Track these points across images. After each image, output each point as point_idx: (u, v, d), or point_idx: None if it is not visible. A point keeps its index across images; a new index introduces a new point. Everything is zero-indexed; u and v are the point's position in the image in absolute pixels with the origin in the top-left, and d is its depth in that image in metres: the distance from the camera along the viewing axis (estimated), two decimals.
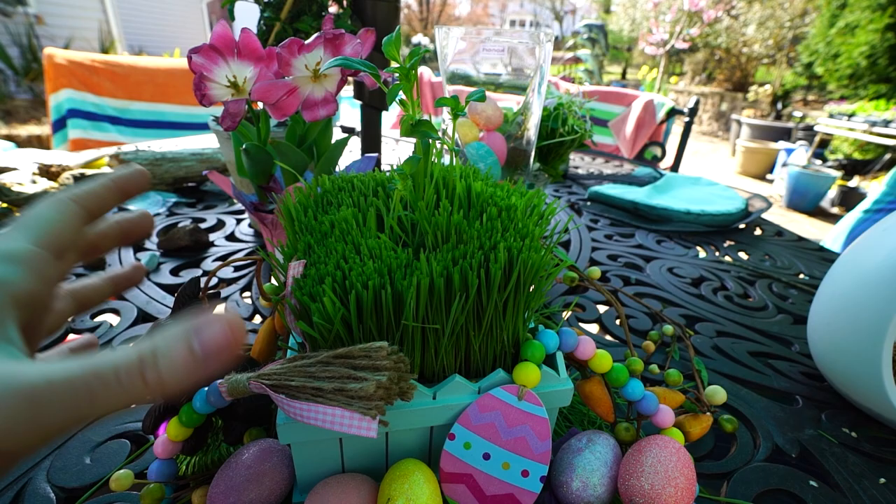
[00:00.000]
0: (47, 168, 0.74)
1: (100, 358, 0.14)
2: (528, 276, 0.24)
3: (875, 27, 4.19)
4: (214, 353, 0.14)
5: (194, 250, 0.59)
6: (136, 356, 0.14)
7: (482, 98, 0.23)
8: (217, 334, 0.14)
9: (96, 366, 0.13)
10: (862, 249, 0.39)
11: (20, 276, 0.16)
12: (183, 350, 0.14)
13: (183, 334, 0.14)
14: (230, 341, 0.15)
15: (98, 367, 0.13)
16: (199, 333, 0.14)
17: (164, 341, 0.14)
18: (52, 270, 0.18)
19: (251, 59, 0.35)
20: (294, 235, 0.26)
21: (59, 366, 0.13)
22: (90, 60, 1.52)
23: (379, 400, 0.19)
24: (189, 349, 0.14)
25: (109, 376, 0.13)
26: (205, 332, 0.14)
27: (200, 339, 0.14)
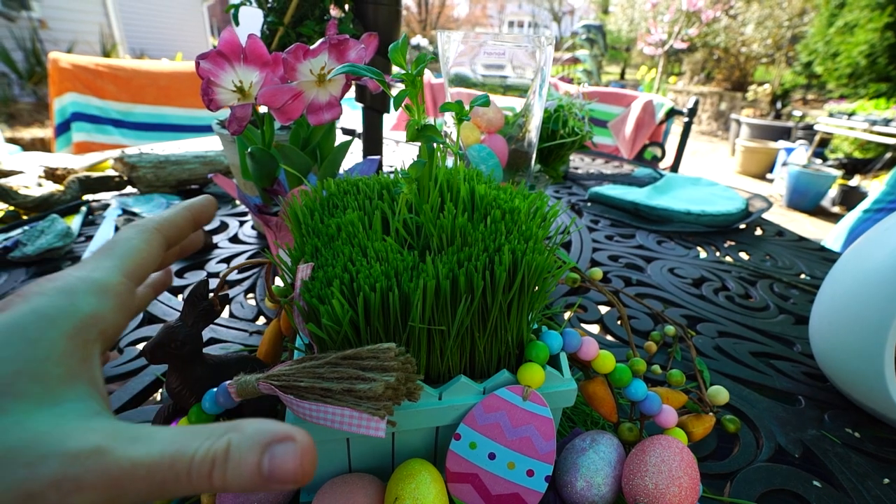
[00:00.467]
0: (53, 171, 0.74)
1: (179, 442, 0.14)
2: (532, 278, 0.24)
3: (874, 26, 4.20)
4: (280, 480, 0.14)
5: (198, 252, 0.59)
6: (212, 455, 0.14)
7: (486, 103, 0.24)
8: (289, 463, 0.14)
9: (175, 456, 0.13)
10: (863, 249, 0.39)
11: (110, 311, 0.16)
12: (253, 465, 0.14)
13: (258, 446, 0.14)
14: (298, 474, 0.14)
15: (176, 459, 0.13)
16: (272, 454, 0.14)
17: (240, 446, 0.14)
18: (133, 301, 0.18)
19: (257, 64, 0.36)
20: (301, 238, 0.26)
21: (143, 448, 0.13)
22: (94, 64, 1.53)
23: (387, 400, 0.19)
24: (259, 466, 0.14)
25: (183, 471, 0.13)
26: (278, 456, 0.14)
27: (272, 461, 0.14)
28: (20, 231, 0.57)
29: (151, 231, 0.20)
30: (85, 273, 0.17)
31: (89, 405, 0.15)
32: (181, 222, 0.21)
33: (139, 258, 0.18)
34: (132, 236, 0.19)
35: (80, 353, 0.15)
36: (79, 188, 0.72)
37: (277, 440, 0.14)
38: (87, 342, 0.16)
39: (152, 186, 0.76)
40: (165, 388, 0.28)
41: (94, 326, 0.16)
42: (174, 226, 0.21)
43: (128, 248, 0.18)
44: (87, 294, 0.16)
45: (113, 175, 0.77)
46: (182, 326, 0.26)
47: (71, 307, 0.16)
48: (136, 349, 0.41)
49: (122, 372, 0.38)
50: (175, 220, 0.21)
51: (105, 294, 0.17)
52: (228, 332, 0.44)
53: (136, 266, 0.18)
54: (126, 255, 0.18)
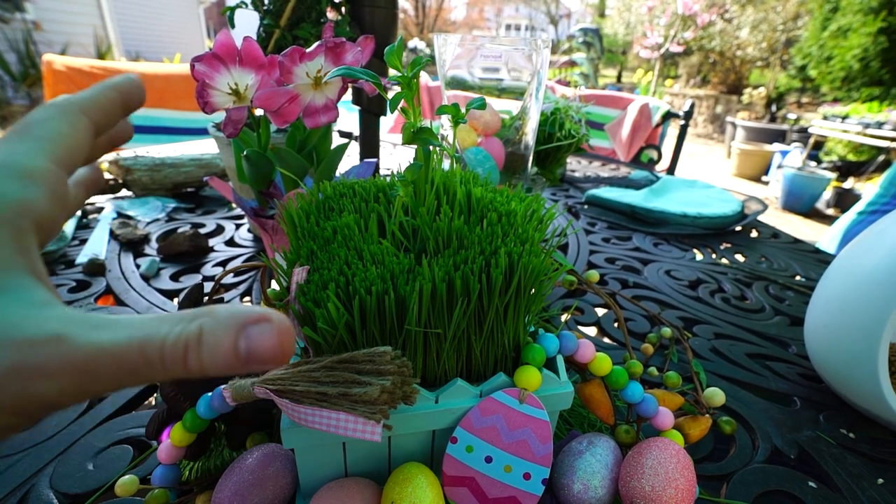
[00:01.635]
0: None
1: (147, 328, 0.13)
2: (528, 281, 0.24)
3: (867, 31, 4.23)
4: (259, 359, 0.14)
5: (194, 255, 0.59)
6: (184, 339, 0.13)
7: (482, 106, 0.24)
8: (266, 341, 0.13)
9: (143, 341, 0.13)
10: (857, 251, 0.39)
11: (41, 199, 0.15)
12: (229, 346, 0.13)
13: (233, 328, 0.13)
14: (277, 352, 0.14)
15: (145, 343, 0.13)
16: (249, 334, 0.13)
17: (213, 329, 0.13)
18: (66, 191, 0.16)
19: (253, 66, 0.36)
20: (297, 241, 0.26)
21: (107, 334, 0.13)
22: (89, 66, 1.52)
23: (383, 404, 0.19)
24: (235, 347, 0.13)
25: (154, 353, 0.13)
26: (254, 336, 0.13)
27: (249, 341, 0.13)
28: None
29: (75, 112, 0.17)
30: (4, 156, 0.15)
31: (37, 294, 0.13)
32: (107, 104, 0.18)
33: (65, 142, 0.16)
34: (53, 116, 0.16)
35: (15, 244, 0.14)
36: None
37: (252, 321, 0.14)
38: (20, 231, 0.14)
39: (147, 189, 0.75)
40: (160, 392, 0.28)
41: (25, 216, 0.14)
42: (100, 107, 0.18)
43: (49, 130, 0.16)
44: (10, 179, 0.14)
45: (107, 178, 0.77)
46: None
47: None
48: None
49: None
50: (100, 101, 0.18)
51: (30, 179, 0.14)
52: None
53: (62, 150, 0.16)
54: (49, 137, 0.16)
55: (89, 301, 0.48)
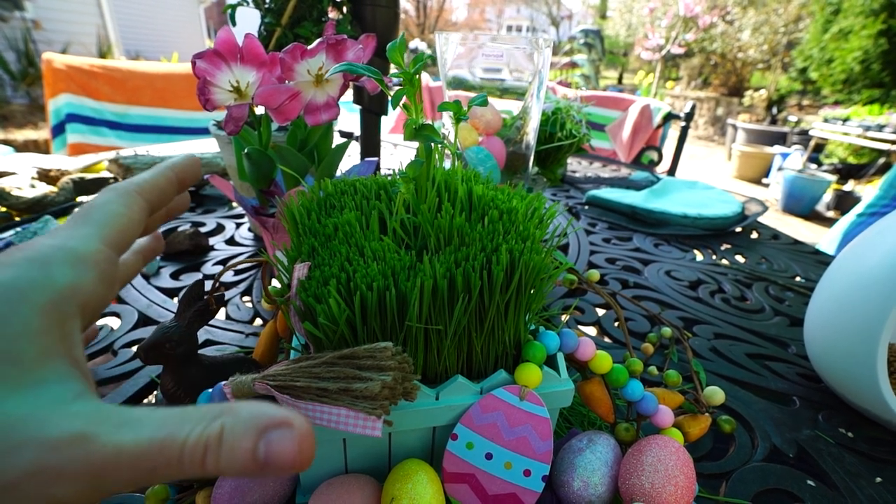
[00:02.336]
0: (46, 172, 0.74)
1: (169, 426, 0.13)
2: (529, 278, 0.24)
3: (868, 33, 4.24)
4: (276, 467, 0.13)
5: (194, 254, 0.59)
6: (205, 440, 0.13)
7: (484, 102, 0.24)
8: (286, 448, 0.13)
9: (164, 441, 0.13)
10: (857, 252, 0.39)
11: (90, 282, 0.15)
12: (248, 451, 0.13)
13: (254, 430, 0.13)
14: (296, 460, 0.13)
15: (166, 444, 0.13)
16: (270, 439, 0.13)
17: (234, 431, 0.13)
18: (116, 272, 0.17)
19: (254, 64, 0.36)
20: (298, 238, 0.26)
21: (130, 434, 0.13)
22: (88, 65, 1.53)
23: (384, 400, 0.19)
24: (254, 453, 0.13)
25: (174, 456, 0.13)
26: (275, 441, 0.13)
27: (268, 447, 0.13)
28: (12, 233, 0.57)
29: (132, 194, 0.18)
30: (59, 241, 0.15)
31: (70, 386, 0.13)
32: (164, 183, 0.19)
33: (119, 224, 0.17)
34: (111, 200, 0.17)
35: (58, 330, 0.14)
36: (73, 190, 0.71)
37: (273, 425, 0.13)
38: (64, 317, 0.14)
39: None
40: (160, 389, 0.28)
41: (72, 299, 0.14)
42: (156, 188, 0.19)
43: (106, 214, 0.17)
44: (63, 264, 0.15)
45: (107, 177, 0.77)
46: (177, 327, 0.26)
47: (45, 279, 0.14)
48: (131, 351, 0.41)
49: (115, 374, 0.38)
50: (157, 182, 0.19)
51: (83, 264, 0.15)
52: (224, 334, 0.44)
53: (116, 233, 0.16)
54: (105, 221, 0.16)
55: None
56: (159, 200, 0.19)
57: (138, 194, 0.18)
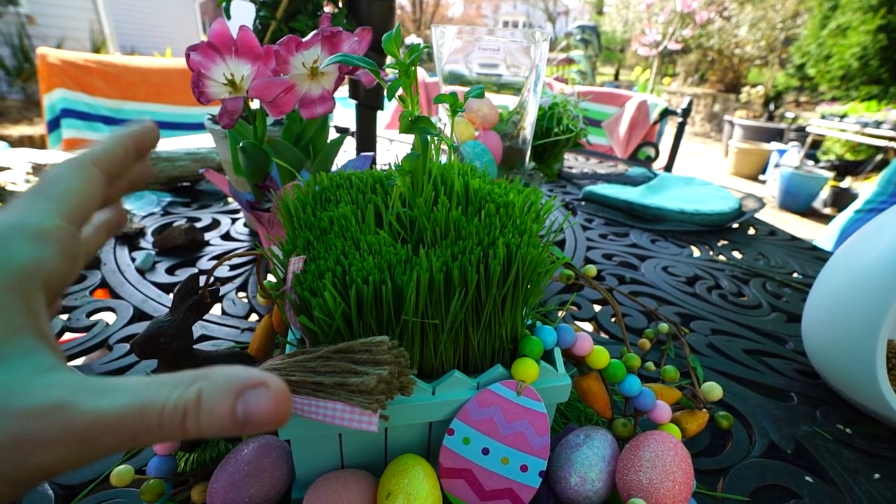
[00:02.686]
0: (41, 168, 0.73)
1: (147, 393, 0.13)
2: (526, 272, 0.24)
3: (866, 28, 4.24)
4: (256, 423, 0.14)
5: (190, 249, 0.59)
6: (182, 404, 0.13)
7: (481, 94, 0.24)
8: (263, 405, 0.14)
9: (143, 405, 0.13)
10: (855, 247, 0.39)
11: (51, 258, 0.15)
12: (227, 410, 0.14)
13: (231, 392, 0.14)
14: (273, 416, 0.14)
15: (145, 407, 0.13)
16: (246, 398, 0.14)
17: (211, 394, 0.14)
18: (78, 247, 0.16)
19: (249, 56, 0.35)
20: (293, 232, 0.26)
21: (108, 399, 0.13)
22: (83, 60, 1.51)
23: (380, 394, 0.19)
24: (232, 411, 0.14)
25: (154, 419, 0.13)
26: (252, 400, 0.14)
27: (246, 405, 0.14)
28: None
29: (87, 166, 0.17)
30: (16, 218, 0.15)
31: (42, 359, 0.14)
32: (120, 152, 0.19)
33: (76, 197, 0.16)
34: (66, 173, 0.17)
35: (23, 306, 0.14)
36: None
37: (250, 386, 0.14)
38: (28, 293, 0.14)
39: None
40: None
41: (35, 276, 0.14)
42: (113, 157, 0.18)
43: (62, 187, 0.16)
44: (22, 241, 0.15)
45: None
46: (171, 321, 0.26)
47: (4, 257, 0.14)
48: (126, 346, 0.41)
49: (111, 369, 0.38)
50: (114, 151, 0.19)
51: (42, 239, 0.15)
52: (220, 329, 0.43)
53: (74, 206, 0.16)
54: (61, 195, 0.16)
55: (85, 294, 0.48)
56: (117, 170, 0.19)
57: (94, 165, 0.18)
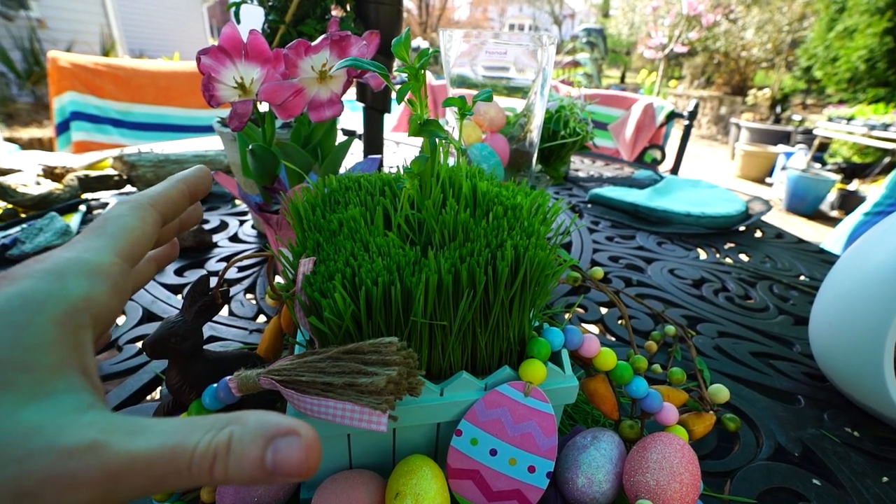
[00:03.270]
0: (51, 170, 0.74)
1: (179, 434, 0.13)
2: (534, 274, 0.24)
3: (874, 31, 4.21)
4: (284, 474, 0.14)
5: (198, 251, 0.59)
6: (213, 448, 0.13)
7: (489, 98, 0.24)
8: (293, 455, 0.14)
9: (175, 447, 0.13)
10: (863, 250, 0.39)
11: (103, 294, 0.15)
12: (256, 459, 0.13)
13: (262, 439, 0.14)
14: (303, 467, 0.14)
15: (176, 450, 0.13)
16: (276, 446, 0.14)
17: (242, 440, 0.13)
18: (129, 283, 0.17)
19: (258, 60, 0.36)
20: (303, 233, 0.26)
21: (141, 440, 0.13)
22: (93, 63, 1.53)
23: (389, 395, 0.19)
24: (261, 459, 0.13)
25: (183, 464, 0.13)
26: (282, 448, 0.14)
27: (276, 455, 0.13)
28: (18, 229, 0.57)
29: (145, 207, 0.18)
30: (75, 254, 0.16)
31: (82, 397, 0.14)
32: (176, 196, 0.20)
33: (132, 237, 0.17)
34: (124, 213, 0.18)
35: (72, 340, 0.14)
36: (78, 187, 0.71)
37: (281, 434, 0.14)
38: (78, 328, 0.15)
39: (151, 185, 0.75)
40: (165, 384, 0.28)
41: (86, 311, 0.15)
42: (169, 200, 0.20)
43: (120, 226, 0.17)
44: (78, 276, 0.15)
45: (112, 174, 0.77)
46: (183, 321, 0.26)
47: (60, 290, 0.15)
48: (136, 347, 0.41)
49: (121, 369, 0.38)
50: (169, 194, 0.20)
51: (97, 276, 0.15)
52: (228, 331, 0.44)
53: (129, 245, 0.17)
54: (118, 233, 0.17)
55: None
56: (172, 212, 0.20)
57: (151, 206, 0.19)
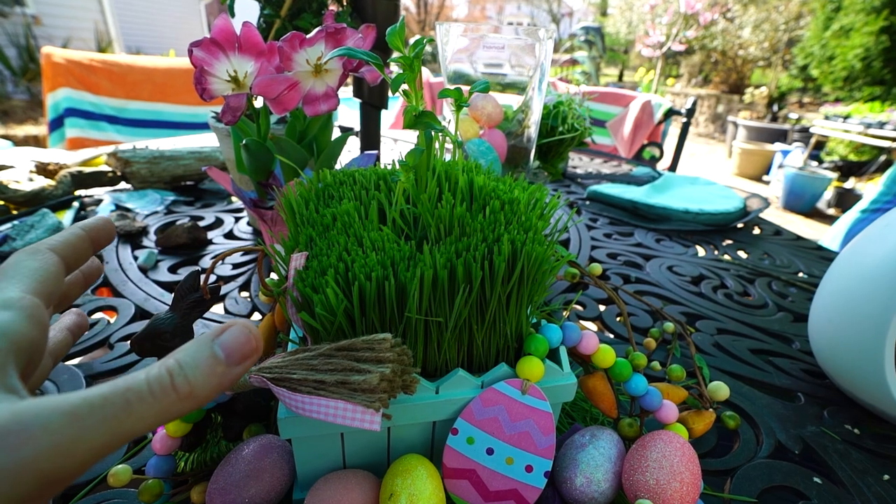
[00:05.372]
0: (44, 166, 0.74)
1: (130, 376, 0.14)
2: (531, 269, 0.23)
3: (869, 30, 4.22)
4: (238, 356, 0.15)
5: (192, 248, 0.58)
6: (165, 369, 0.14)
7: (486, 88, 0.23)
8: (238, 337, 0.15)
9: (128, 382, 0.14)
10: (863, 246, 0.39)
11: (18, 322, 0.16)
12: (208, 357, 0.14)
13: (205, 342, 0.15)
14: (252, 343, 0.15)
15: (130, 383, 0.13)
16: (220, 339, 0.15)
17: (188, 352, 0.15)
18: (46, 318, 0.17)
19: (252, 53, 0.35)
20: (295, 228, 0.26)
21: (93, 388, 0.13)
22: (88, 59, 1.52)
23: (382, 392, 0.19)
24: (213, 355, 0.15)
25: (143, 389, 0.13)
26: (226, 338, 0.15)
27: (222, 344, 0.15)
28: (9, 225, 0.56)
29: (44, 251, 0.19)
30: None
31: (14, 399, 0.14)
32: (76, 241, 0.20)
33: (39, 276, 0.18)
34: (22, 259, 0.18)
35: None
36: (71, 183, 0.71)
37: (219, 332, 0.15)
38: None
39: (146, 182, 0.75)
40: None
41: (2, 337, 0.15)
42: (68, 244, 0.20)
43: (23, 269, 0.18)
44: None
45: (106, 170, 0.76)
46: (171, 318, 0.25)
47: None
48: (128, 345, 0.40)
49: (111, 368, 0.37)
50: (69, 240, 0.20)
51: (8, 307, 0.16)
52: None
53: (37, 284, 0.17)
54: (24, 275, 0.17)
55: (87, 293, 0.48)
56: (73, 256, 0.20)
57: (49, 250, 0.19)
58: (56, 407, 0.12)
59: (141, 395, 0.13)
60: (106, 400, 0.13)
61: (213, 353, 0.15)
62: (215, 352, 0.15)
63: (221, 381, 0.15)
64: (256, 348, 0.15)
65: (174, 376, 0.14)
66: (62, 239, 0.20)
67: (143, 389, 0.13)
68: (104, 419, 0.13)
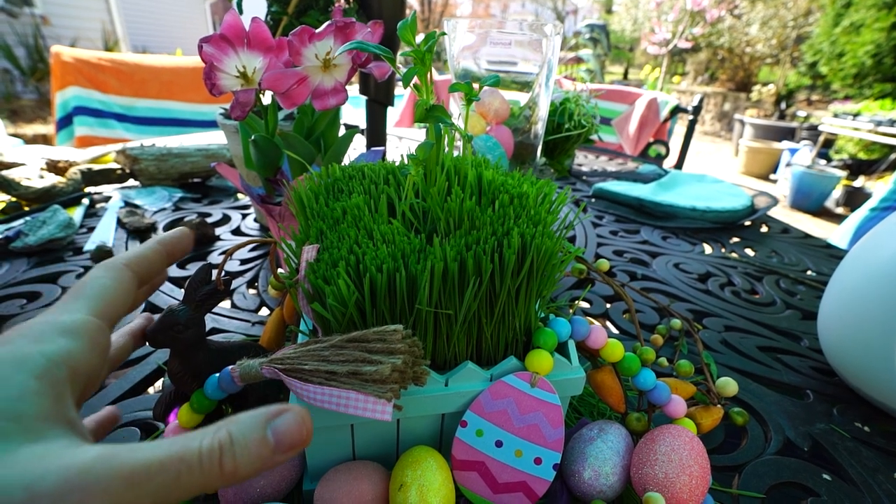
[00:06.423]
0: (54, 163, 0.74)
1: (180, 441, 0.14)
2: (541, 263, 0.23)
3: (881, 26, 4.17)
4: (287, 445, 0.15)
5: (200, 244, 0.59)
6: (218, 444, 0.14)
7: (497, 83, 0.23)
8: (291, 426, 0.15)
9: (183, 450, 0.14)
10: (872, 244, 0.38)
11: (80, 350, 0.16)
12: (258, 441, 0.14)
13: (259, 424, 0.15)
14: (303, 433, 0.15)
15: (184, 452, 0.14)
16: (274, 425, 0.15)
17: (241, 430, 0.14)
18: (107, 341, 0.18)
19: (261, 49, 0.35)
20: (306, 222, 0.26)
21: (146, 450, 0.13)
22: (97, 58, 1.53)
23: (393, 383, 0.19)
24: (264, 439, 0.14)
25: (194, 461, 0.13)
26: (280, 424, 0.15)
27: (275, 431, 0.15)
28: (22, 221, 0.57)
29: (120, 269, 0.19)
30: (52, 317, 0.17)
31: (73, 438, 0.14)
32: (153, 257, 0.21)
33: (109, 297, 0.18)
34: (100, 275, 0.19)
35: (52, 392, 0.15)
36: (81, 180, 0.71)
37: (274, 414, 0.15)
38: (56, 381, 0.15)
39: (154, 179, 0.75)
40: (167, 372, 0.27)
41: (63, 365, 0.15)
42: (146, 261, 0.20)
43: (96, 288, 0.18)
44: (53, 335, 0.16)
45: (115, 167, 0.77)
46: (185, 310, 0.25)
47: (37, 350, 0.15)
48: None
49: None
50: (147, 255, 0.21)
51: (72, 334, 0.16)
52: (231, 323, 0.44)
53: (105, 305, 0.18)
54: (95, 294, 0.18)
55: None
56: (148, 273, 0.21)
57: (126, 267, 0.20)
58: (117, 470, 0.13)
59: (191, 468, 0.13)
60: (162, 467, 0.13)
61: (264, 436, 0.14)
62: (267, 436, 0.15)
63: (265, 465, 0.15)
64: (306, 440, 0.15)
65: (224, 453, 0.14)
66: (139, 253, 0.20)
67: (194, 462, 0.13)
68: (157, 488, 0.13)
